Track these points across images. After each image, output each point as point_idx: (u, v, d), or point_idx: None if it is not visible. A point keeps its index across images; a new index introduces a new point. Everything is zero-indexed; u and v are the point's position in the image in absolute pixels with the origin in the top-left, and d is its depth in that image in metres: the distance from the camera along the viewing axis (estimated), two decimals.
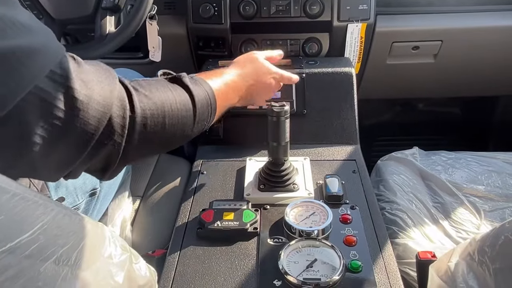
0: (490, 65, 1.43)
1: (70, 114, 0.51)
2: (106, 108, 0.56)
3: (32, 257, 0.38)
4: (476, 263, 0.64)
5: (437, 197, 1.09)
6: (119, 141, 0.59)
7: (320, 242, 0.77)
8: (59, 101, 0.50)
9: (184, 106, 0.70)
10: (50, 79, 0.49)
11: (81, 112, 0.52)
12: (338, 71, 1.15)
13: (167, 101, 0.66)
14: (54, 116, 0.50)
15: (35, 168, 0.53)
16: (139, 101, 0.62)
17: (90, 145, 0.55)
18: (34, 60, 0.48)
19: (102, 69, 0.60)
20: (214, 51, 1.34)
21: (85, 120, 0.53)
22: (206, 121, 0.76)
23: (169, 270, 0.77)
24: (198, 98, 0.72)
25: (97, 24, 1.07)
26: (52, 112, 0.50)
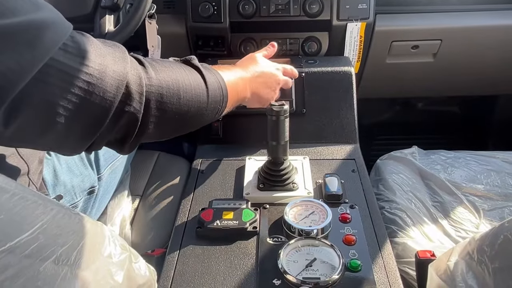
0: (489, 64, 1.43)
1: (88, 83, 0.53)
2: (122, 76, 0.57)
3: (32, 257, 0.38)
4: (475, 262, 0.64)
5: (436, 196, 1.09)
6: (138, 108, 0.59)
7: (320, 241, 0.77)
8: (76, 71, 0.52)
9: (197, 84, 0.71)
10: (64, 51, 0.51)
11: (98, 80, 0.54)
12: (338, 70, 1.15)
13: (180, 76, 0.68)
14: (73, 85, 0.51)
15: (60, 140, 0.55)
16: (155, 72, 0.64)
17: (110, 112, 0.56)
18: (47, 33, 0.49)
19: (113, 44, 0.62)
20: (214, 50, 1.34)
21: (103, 88, 0.54)
22: (219, 104, 0.77)
23: (168, 269, 0.77)
24: (210, 80, 0.73)
25: (96, 23, 1.07)
26: (70, 82, 0.51)
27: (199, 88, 0.71)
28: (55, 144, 0.57)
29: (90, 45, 0.55)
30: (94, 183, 0.95)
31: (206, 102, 0.72)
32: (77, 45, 0.53)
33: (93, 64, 0.54)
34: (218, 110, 0.77)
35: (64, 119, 0.52)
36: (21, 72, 0.46)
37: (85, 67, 0.53)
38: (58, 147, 0.59)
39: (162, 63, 0.67)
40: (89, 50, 0.54)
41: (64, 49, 0.51)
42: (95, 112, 0.55)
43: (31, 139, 0.54)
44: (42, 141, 0.55)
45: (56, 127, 0.52)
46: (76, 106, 0.52)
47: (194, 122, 0.74)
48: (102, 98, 0.55)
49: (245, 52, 1.33)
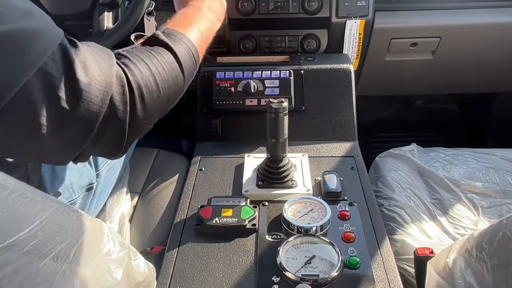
0: (488, 61, 1.43)
1: (74, 96, 0.52)
2: (107, 87, 0.56)
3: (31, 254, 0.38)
4: (474, 259, 0.64)
5: (435, 193, 1.10)
6: (123, 118, 0.59)
7: (319, 239, 0.77)
8: (62, 82, 0.51)
9: (172, 68, 0.70)
10: (53, 60, 0.50)
11: (84, 92, 0.53)
12: (337, 68, 1.15)
13: (154, 68, 0.67)
14: (59, 97, 0.51)
15: (44, 151, 0.54)
16: (132, 75, 0.63)
17: (96, 125, 0.56)
18: (37, 42, 0.48)
19: (100, 50, 0.61)
20: (212, 47, 1.33)
21: (88, 100, 0.54)
22: (193, 71, 0.76)
23: (167, 266, 0.77)
24: (181, 55, 0.72)
25: (95, 20, 1.06)
26: (57, 94, 0.51)
27: (174, 71, 0.70)
28: (40, 154, 0.56)
29: (78, 54, 0.54)
30: (92, 180, 0.95)
31: (183, 80, 0.72)
32: (66, 54, 0.52)
33: (80, 76, 0.53)
34: (193, 76, 0.77)
35: (49, 130, 0.51)
36: (10, 83, 0.46)
37: (71, 78, 0.52)
38: (42, 157, 0.58)
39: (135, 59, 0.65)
40: (77, 60, 0.53)
41: (52, 58, 0.50)
42: (81, 123, 0.54)
43: (14, 149, 0.53)
44: (26, 151, 0.54)
45: (40, 137, 0.51)
46: (62, 118, 0.52)
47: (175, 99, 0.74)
48: (88, 110, 0.54)
49: (244, 50, 1.33)
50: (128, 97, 0.60)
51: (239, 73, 1.14)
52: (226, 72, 1.14)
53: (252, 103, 1.11)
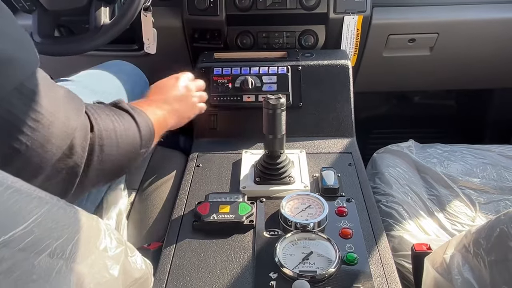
0: (486, 58, 1.43)
1: (34, 130, 0.51)
2: (70, 130, 0.56)
3: (26, 251, 0.38)
4: (471, 255, 0.64)
5: (432, 189, 1.10)
6: (79, 163, 0.58)
7: (316, 235, 0.77)
8: (24, 115, 0.49)
9: (132, 129, 0.71)
10: (19, 92, 0.48)
11: (45, 129, 0.52)
12: (334, 64, 1.15)
13: (116, 124, 0.68)
14: (18, 130, 0.49)
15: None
16: (96, 124, 0.63)
17: (49, 164, 0.54)
18: (7, 70, 0.47)
19: (71, 94, 0.60)
20: (210, 43, 1.33)
21: (47, 138, 0.52)
22: (150, 144, 0.77)
23: (165, 263, 0.77)
24: (141, 122, 0.74)
25: (92, 16, 1.06)
26: (15, 126, 0.49)
27: (133, 133, 0.71)
28: None
29: (48, 90, 0.53)
30: None
31: (140, 145, 0.73)
32: (34, 87, 0.51)
33: (45, 111, 0.51)
34: (148, 149, 0.78)
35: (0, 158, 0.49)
36: None
37: (35, 112, 0.50)
38: None
39: (100, 112, 0.66)
40: (45, 96, 0.52)
41: (19, 90, 0.48)
42: (34, 161, 0.53)
43: None
44: None
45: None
46: (15, 151, 0.50)
47: (129, 165, 0.75)
48: (44, 148, 0.53)
49: (241, 45, 1.32)
50: (88, 144, 0.60)
51: (237, 69, 1.14)
52: (224, 68, 1.14)
53: (250, 99, 1.11)
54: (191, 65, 1.40)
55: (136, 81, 1.21)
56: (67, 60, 1.12)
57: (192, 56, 1.39)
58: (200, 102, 1.01)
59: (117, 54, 1.37)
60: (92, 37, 1.05)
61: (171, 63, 1.41)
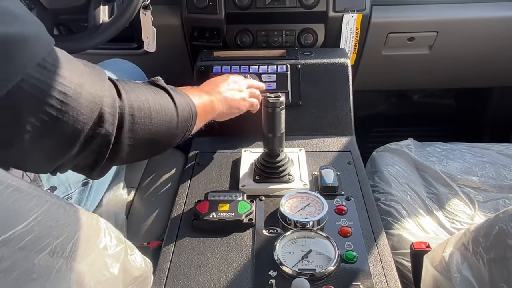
0: (485, 56, 1.44)
1: (62, 103, 0.51)
2: (97, 99, 0.56)
3: (27, 249, 0.38)
4: (470, 253, 0.64)
5: (431, 188, 1.10)
6: (110, 131, 0.58)
7: (315, 233, 0.77)
8: (51, 89, 0.50)
9: (167, 104, 0.71)
10: (41, 67, 0.49)
11: (73, 101, 0.52)
12: (334, 62, 1.15)
13: (151, 97, 0.68)
14: (47, 104, 0.50)
15: (26, 158, 0.53)
16: (126, 94, 0.63)
17: (82, 134, 0.55)
18: (26, 48, 0.47)
19: (90, 64, 0.61)
20: (209, 41, 1.33)
21: (77, 109, 0.53)
22: (188, 123, 0.77)
23: (164, 261, 0.77)
24: (178, 100, 0.74)
25: (91, 14, 1.06)
26: (44, 100, 0.50)
27: (168, 108, 0.71)
28: (18, 162, 0.54)
29: (69, 63, 0.54)
30: None
31: (176, 122, 0.72)
32: (55, 62, 0.51)
33: (70, 83, 0.52)
34: (188, 129, 0.77)
35: (31, 136, 0.50)
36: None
37: (61, 85, 0.51)
38: (20, 165, 0.57)
39: (132, 85, 0.67)
40: (67, 68, 0.52)
41: (42, 65, 0.49)
42: (66, 132, 0.53)
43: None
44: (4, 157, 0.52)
45: (21, 143, 0.50)
46: (46, 125, 0.51)
47: (165, 142, 0.74)
48: (75, 119, 0.53)
49: (241, 44, 1.32)
50: (117, 115, 0.60)
51: (236, 67, 1.14)
52: (223, 66, 1.14)
53: None
54: (190, 63, 1.40)
55: (136, 79, 1.20)
56: None
57: (191, 55, 1.39)
58: (252, 97, 1.00)
59: (116, 52, 1.37)
60: (91, 36, 1.05)
61: (170, 61, 1.42)
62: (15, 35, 0.46)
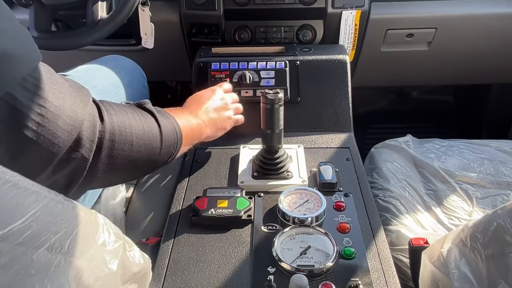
0: (484, 52, 1.43)
1: (38, 124, 0.50)
2: (76, 123, 0.55)
3: (25, 245, 0.38)
4: (468, 249, 0.64)
5: (430, 184, 1.10)
6: (87, 156, 0.57)
7: (314, 229, 0.77)
8: (29, 110, 0.49)
9: (151, 129, 0.70)
10: (22, 86, 0.48)
11: (50, 123, 0.51)
12: (332, 59, 1.15)
13: (134, 122, 0.66)
14: (23, 125, 0.49)
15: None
16: (109, 118, 0.61)
17: (57, 158, 0.54)
18: (7, 65, 0.46)
19: (77, 85, 0.59)
20: (208, 38, 1.33)
21: (54, 132, 0.52)
22: (172, 149, 0.76)
23: (163, 257, 0.77)
24: (163, 124, 0.72)
25: (89, 10, 1.05)
26: (20, 121, 0.48)
27: (152, 133, 0.70)
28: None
29: (52, 83, 0.52)
30: None
31: (160, 148, 0.71)
32: (38, 81, 0.50)
33: (49, 105, 0.51)
34: (172, 154, 0.76)
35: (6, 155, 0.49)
36: None
37: (40, 107, 0.50)
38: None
39: (117, 108, 0.65)
40: (48, 89, 0.51)
41: (22, 85, 0.48)
42: (41, 155, 0.52)
43: None
44: None
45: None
46: (22, 145, 0.50)
47: (145, 168, 0.74)
48: (50, 142, 0.52)
49: (239, 40, 1.32)
50: (96, 140, 0.58)
51: (235, 64, 1.13)
52: (222, 63, 1.14)
53: (248, 94, 1.11)
54: (189, 60, 1.40)
55: (134, 75, 1.21)
56: (64, 54, 1.12)
57: (189, 51, 1.39)
58: (236, 114, 1.00)
59: (114, 49, 1.37)
60: (89, 32, 1.05)
61: (169, 58, 1.42)
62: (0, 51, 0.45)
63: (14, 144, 0.49)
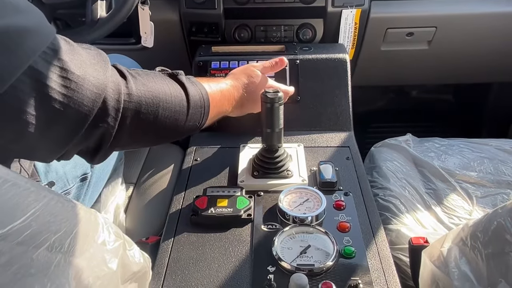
0: (484, 51, 1.43)
1: (64, 95, 0.51)
2: (100, 90, 0.56)
3: (25, 244, 0.38)
4: (468, 248, 0.64)
5: (430, 183, 1.10)
6: (113, 124, 0.59)
7: (314, 229, 0.77)
8: (52, 81, 0.50)
9: (178, 101, 0.70)
10: (43, 59, 0.49)
11: (75, 93, 0.52)
12: (332, 58, 1.15)
13: (162, 92, 0.67)
14: (49, 96, 0.50)
15: (32, 148, 0.53)
16: (136, 87, 0.62)
17: (84, 126, 0.55)
18: (27, 40, 0.47)
19: (94, 52, 0.60)
20: (207, 36, 1.32)
21: (79, 101, 0.53)
22: (198, 122, 0.76)
23: (163, 256, 0.77)
24: (192, 96, 0.73)
25: (88, 9, 1.05)
26: (46, 93, 0.50)
27: (179, 105, 0.70)
28: (26, 152, 0.55)
29: (71, 54, 0.53)
30: (86, 170, 0.94)
31: (185, 119, 0.72)
32: (57, 53, 0.51)
33: (72, 75, 0.52)
34: (197, 126, 0.77)
35: (36, 128, 0.50)
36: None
37: (63, 78, 0.51)
38: (28, 155, 0.58)
39: (146, 77, 0.66)
40: (69, 60, 0.52)
41: (43, 57, 0.49)
42: (69, 124, 0.54)
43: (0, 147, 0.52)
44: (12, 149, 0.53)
45: (28, 136, 0.50)
46: (50, 117, 0.51)
47: (170, 136, 0.74)
48: (77, 111, 0.53)
49: (239, 39, 1.32)
50: (122, 105, 0.59)
51: (234, 62, 1.13)
52: (221, 61, 1.14)
53: None
54: (189, 58, 1.40)
55: None
56: None
57: (189, 50, 1.39)
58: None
59: (114, 47, 1.37)
60: (88, 31, 1.04)
61: (169, 56, 1.41)
62: (17, 26, 0.46)
63: (43, 117, 0.50)
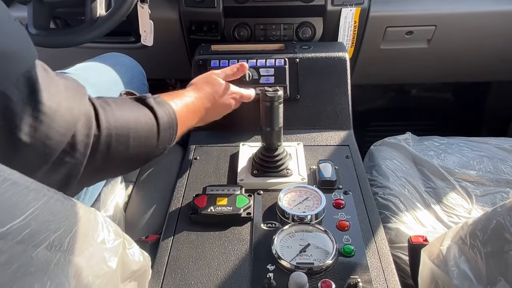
0: (483, 50, 1.43)
1: (32, 126, 0.49)
2: (71, 124, 0.54)
3: (24, 243, 0.38)
4: (467, 246, 0.64)
5: (429, 182, 1.10)
6: (81, 159, 0.56)
7: (313, 227, 0.77)
8: (22, 111, 0.48)
9: (149, 127, 0.69)
10: (16, 86, 0.47)
11: (44, 125, 0.50)
12: (332, 56, 1.15)
13: (132, 121, 0.65)
14: (16, 126, 0.47)
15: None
16: (106, 120, 0.60)
17: (50, 160, 0.53)
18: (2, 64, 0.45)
19: (73, 84, 0.58)
20: (207, 35, 1.32)
21: (47, 133, 0.51)
22: (168, 143, 0.75)
23: (162, 255, 0.77)
24: (161, 118, 0.72)
25: (88, 7, 1.05)
26: (14, 122, 0.47)
27: (150, 130, 0.69)
28: None
29: (47, 83, 0.51)
30: None
31: (156, 144, 0.71)
32: (32, 82, 0.49)
33: (43, 107, 0.49)
34: (167, 147, 0.76)
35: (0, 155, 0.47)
36: None
37: (33, 109, 0.48)
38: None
39: (115, 106, 0.64)
40: (43, 90, 0.50)
41: (16, 85, 0.47)
42: (34, 157, 0.51)
43: None
44: None
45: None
46: (13, 147, 0.48)
47: (140, 163, 0.74)
48: (44, 144, 0.51)
49: (238, 38, 1.32)
50: (92, 140, 0.57)
51: (234, 61, 1.13)
52: (221, 60, 1.14)
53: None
54: (188, 57, 1.40)
55: (133, 73, 1.20)
56: (62, 52, 1.11)
57: (189, 49, 1.39)
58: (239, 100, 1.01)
59: (113, 46, 1.37)
60: (88, 29, 1.04)
61: (168, 55, 1.41)
62: None
63: (7, 146, 0.48)
